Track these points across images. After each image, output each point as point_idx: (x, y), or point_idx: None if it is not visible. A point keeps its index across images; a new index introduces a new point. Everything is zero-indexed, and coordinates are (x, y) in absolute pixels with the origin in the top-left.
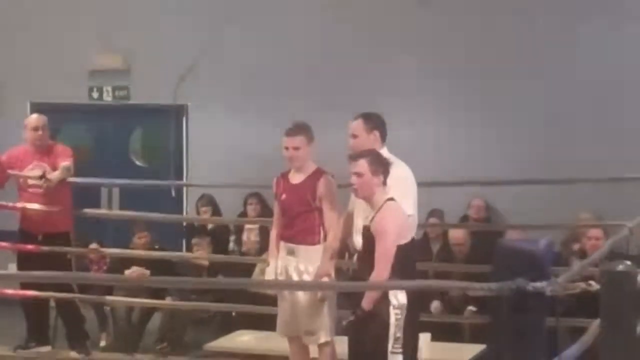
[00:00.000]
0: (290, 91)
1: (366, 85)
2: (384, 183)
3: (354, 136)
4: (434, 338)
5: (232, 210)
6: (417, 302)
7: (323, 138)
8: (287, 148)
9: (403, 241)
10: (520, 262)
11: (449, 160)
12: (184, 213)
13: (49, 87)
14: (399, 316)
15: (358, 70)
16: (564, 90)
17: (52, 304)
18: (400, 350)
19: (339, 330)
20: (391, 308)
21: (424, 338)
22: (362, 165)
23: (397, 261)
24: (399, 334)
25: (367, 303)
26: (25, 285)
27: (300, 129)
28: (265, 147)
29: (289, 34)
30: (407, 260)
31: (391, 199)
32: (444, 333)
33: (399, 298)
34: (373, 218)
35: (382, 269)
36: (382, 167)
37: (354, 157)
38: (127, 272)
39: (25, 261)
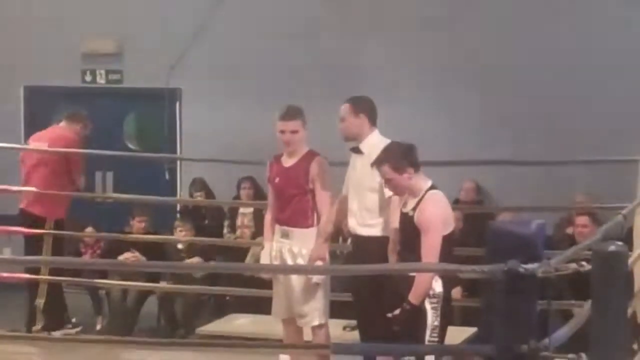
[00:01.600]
0: (285, 75)
1: (360, 69)
2: (416, 170)
3: (342, 120)
4: None
5: (226, 195)
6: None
7: (318, 122)
8: (283, 132)
9: (448, 230)
10: (512, 244)
11: (441, 143)
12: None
13: (42, 71)
14: (435, 305)
15: (353, 55)
16: (561, 75)
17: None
18: (438, 339)
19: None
20: (426, 298)
21: None
22: (386, 172)
23: (441, 251)
24: (436, 323)
25: (415, 298)
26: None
27: (295, 112)
28: (260, 131)
29: (284, 17)
30: (448, 250)
31: (432, 187)
32: None
33: (434, 287)
34: (416, 207)
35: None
36: (405, 159)
37: (375, 164)
38: (121, 257)
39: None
